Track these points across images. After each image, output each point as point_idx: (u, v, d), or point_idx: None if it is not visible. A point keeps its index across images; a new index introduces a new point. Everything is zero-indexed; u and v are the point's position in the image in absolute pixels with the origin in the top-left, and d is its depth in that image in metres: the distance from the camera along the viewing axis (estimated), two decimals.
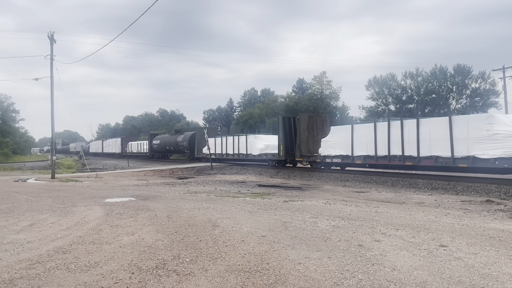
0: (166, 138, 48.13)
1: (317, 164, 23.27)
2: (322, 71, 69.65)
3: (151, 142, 50.47)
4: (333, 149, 21.48)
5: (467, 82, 56.15)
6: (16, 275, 5.00)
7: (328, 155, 21.87)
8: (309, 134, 24.21)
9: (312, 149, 23.94)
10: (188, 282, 4.70)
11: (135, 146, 59.33)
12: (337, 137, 21.48)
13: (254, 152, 28.80)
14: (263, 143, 28.87)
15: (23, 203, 11.78)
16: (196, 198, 12.86)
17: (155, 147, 49.06)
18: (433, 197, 13.48)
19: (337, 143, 21.27)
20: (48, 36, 25.18)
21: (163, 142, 47.50)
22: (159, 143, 48.11)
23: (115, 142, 68.01)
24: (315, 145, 23.65)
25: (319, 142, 23.11)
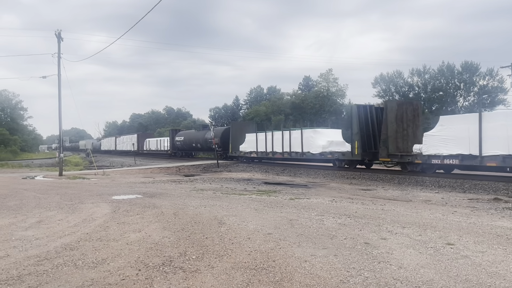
0: (191, 134, 42.49)
1: (415, 166, 18.46)
2: (328, 68, 69.41)
3: (173, 139, 45.58)
4: (445, 147, 16.55)
5: (474, 79, 55.66)
6: (24, 272, 5.05)
7: (437, 155, 16.85)
8: (397, 127, 19.38)
9: (401, 146, 19.35)
10: (194, 279, 4.72)
11: (153, 143, 54.89)
12: (451, 130, 16.41)
13: (313, 150, 23.91)
14: (325, 139, 23.85)
15: (31, 200, 11.88)
16: (202, 195, 12.89)
17: (178, 144, 44.16)
18: (440, 195, 13.41)
19: (452, 138, 16.32)
20: (56, 34, 25.33)
21: (188, 139, 42.52)
22: (183, 140, 43.16)
23: (130, 139, 62.57)
24: (405, 141, 19.36)
25: (409, 137, 19.29)
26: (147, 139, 57.83)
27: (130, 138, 63.33)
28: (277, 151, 27.19)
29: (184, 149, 44.12)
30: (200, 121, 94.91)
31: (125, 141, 64.21)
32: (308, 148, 24.35)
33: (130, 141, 60.97)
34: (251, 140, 30.19)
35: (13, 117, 73.28)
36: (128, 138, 63.95)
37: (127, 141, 63.12)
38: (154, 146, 53.76)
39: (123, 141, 65.55)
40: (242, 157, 31.92)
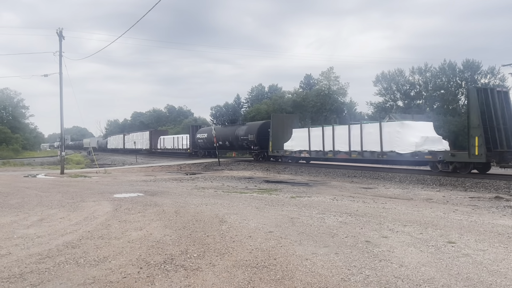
0: (218, 130, 36.51)
1: None
2: (330, 66, 69.34)
3: (194, 136, 40.87)
4: None
5: (476, 77, 55.56)
6: (26, 269, 5.06)
7: None
8: None
9: None
10: (195, 277, 4.73)
11: (169, 141, 49.10)
12: None
13: (400, 148, 18.41)
14: (417, 134, 18.31)
15: (33, 198, 11.90)
16: (204, 193, 12.91)
17: (200, 142, 39.45)
18: (441, 193, 13.40)
19: None
20: (57, 32, 25.33)
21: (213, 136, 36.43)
22: (206, 137, 38.08)
23: (141, 136, 57.57)
24: None
25: None
26: (161, 137, 52.16)
27: (141, 135, 58.04)
28: (341, 150, 21.97)
29: (207, 148, 39.03)
30: (202, 119, 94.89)
31: (135, 139, 59.38)
32: (392, 146, 18.80)
33: (141, 139, 56.66)
34: (301, 137, 25.42)
35: (14, 115, 73.38)
36: (139, 136, 58.77)
37: (138, 139, 58.47)
38: (171, 145, 48.20)
39: (133, 139, 60.48)
40: (288, 157, 27.15)
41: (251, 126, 31.86)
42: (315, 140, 23.99)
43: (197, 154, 41.01)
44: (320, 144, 23.52)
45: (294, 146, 26.16)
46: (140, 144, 56.47)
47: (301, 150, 25.41)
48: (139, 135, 59.33)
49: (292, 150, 26.20)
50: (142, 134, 58.14)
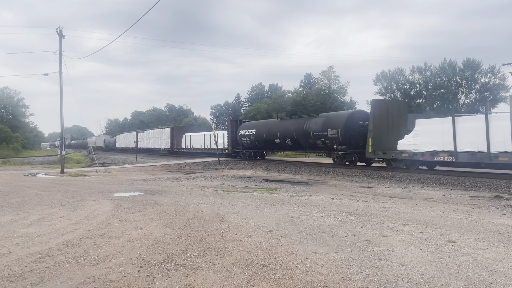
0: (273, 124, 29.14)
1: None
2: (330, 65, 69.34)
3: (234, 133, 33.31)
4: None
5: (476, 76, 55.53)
6: (26, 268, 5.07)
7: None
8: None
9: None
10: (195, 276, 4.73)
11: (198, 139, 41.43)
12: None
13: None
14: None
15: (33, 197, 11.91)
16: (204, 193, 12.91)
17: (245, 140, 31.48)
18: (441, 193, 13.40)
19: None
20: (57, 31, 25.32)
21: (268, 132, 28.63)
22: (254, 134, 30.15)
23: (159, 133, 50.03)
24: None
25: None
26: (187, 134, 44.61)
27: (159, 133, 50.03)
28: None
29: (255, 147, 31.21)
30: (202, 118, 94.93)
31: (152, 137, 51.84)
32: None
33: (159, 137, 49.12)
34: (432, 131, 17.72)
35: (14, 114, 73.32)
36: (157, 133, 50.97)
37: (156, 136, 50.71)
38: (200, 143, 40.77)
39: (149, 137, 53.38)
40: (405, 161, 19.42)
41: (332, 118, 23.63)
42: (467, 135, 16.12)
43: (241, 155, 32.97)
44: (478, 141, 15.63)
45: (420, 145, 18.21)
46: (158, 143, 49.32)
47: (435, 151, 17.41)
48: (156, 133, 51.53)
49: (415, 150, 18.36)
50: (160, 132, 50.05)
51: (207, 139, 38.91)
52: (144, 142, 54.54)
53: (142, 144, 54.62)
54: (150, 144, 52.10)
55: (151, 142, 52.30)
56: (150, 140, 52.48)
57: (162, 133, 49.58)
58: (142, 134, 56.82)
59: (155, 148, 50.55)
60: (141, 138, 55.94)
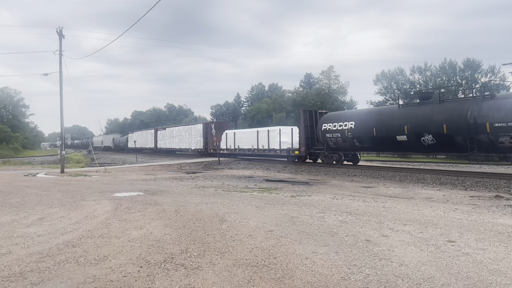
0: (391, 113, 20.58)
1: None
2: (330, 65, 69.38)
3: (311, 129, 25.15)
4: None
5: (476, 76, 55.55)
6: (26, 268, 5.06)
7: None
8: None
9: None
10: (195, 276, 4.73)
11: (246, 138, 31.72)
12: None
13: None
14: None
15: (33, 197, 11.91)
16: (204, 192, 12.91)
17: (332, 138, 23.06)
18: (441, 192, 13.40)
19: None
20: (57, 31, 25.31)
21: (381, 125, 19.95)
22: (352, 128, 21.72)
23: (188, 131, 40.41)
24: None
25: None
26: (228, 132, 34.73)
27: (187, 130, 40.58)
28: None
29: (350, 148, 22.81)
30: (202, 118, 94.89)
31: (177, 135, 42.42)
32: None
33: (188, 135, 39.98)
34: None
35: (14, 114, 73.32)
36: (184, 131, 41.35)
37: (182, 135, 41.42)
38: (250, 143, 30.90)
39: (172, 135, 44.14)
40: None
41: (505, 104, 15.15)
42: None
43: (322, 158, 24.80)
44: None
45: None
46: (186, 142, 40.44)
47: None
48: (184, 130, 42.11)
49: None
50: (189, 129, 40.92)
51: (262, 137, 29.30)
52: (166, 141, 46.03)
53: (163, 143, 46.61)
54: (174, 143, 42.73)
55: (175, 141, 43.33)
56: (175, 139, 43.19)
57: (191, 130, 39.98)
58: (163, 132, 47.57)
59: (181, 149, 41.94)
60: (161, 137, 47.73)
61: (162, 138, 47.58)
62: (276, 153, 28.18)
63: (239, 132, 34.69)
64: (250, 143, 31.41)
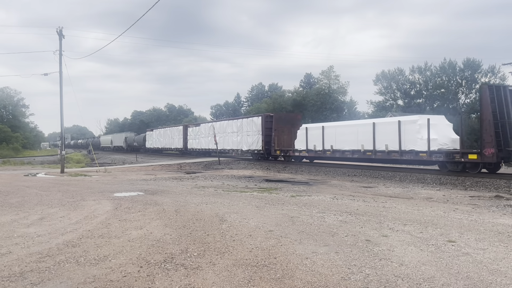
0: None
1: None
2: (330, 65, 69.39)
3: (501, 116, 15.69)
4: None
5: (476, 76, 55.56)
6: (26, 268, 5.06)
7: None
8: None
9: None
10: (195, 276, 4.73)
11: (346, 135, 21.97)
12: None
13: None
14: None
15: (33, 197, 11.91)
16: (204, 192, 12.91)
17: None
18: (441, 192, 13.40)
19: None
20: (57, 31, 25.30)
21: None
22: None
23: (238, 127, 31.31)
24: None
25: None
26: (309, 126, 25.76)
27: (238, 125, 31.29)
28: None
29: None
30: (202, 118, 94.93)
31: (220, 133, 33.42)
32: None
33: (239, 132, 31.02)
34: None
35: (14, 114, 73.35)
36: (231, 126, 32.31)
37: (227, 131, 32.75)
38: (360, 143, 20.98)
39: (207, 133, 35.92)
40: None
41: None
42: None
43: None
44: None
45: None
46: (233, 142, 31.90)
47: None
48: (230, 126, 32.73)
49: None
50: (240, 123, 31.30)
51: (385, 132, 19.52)
52: (201, 140, 37.34)
53: (196, 143, 38.08)
54: (213, 143, 33.43)
55: (218, 141, 33.57)
56: (214, 138, 33.80)
57: (243, 125, 30.57)
58: (196, 129, 38.66)
59: (226, 150, 33.39)
60: (193, 135, 39.04)
61: (195, 137, 38.58)
62: (420, 157, 18.07)
63: (334, 127, 23.77)
64: (356, 141, 21.10)
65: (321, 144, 23.51)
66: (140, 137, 57.20)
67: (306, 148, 24.93)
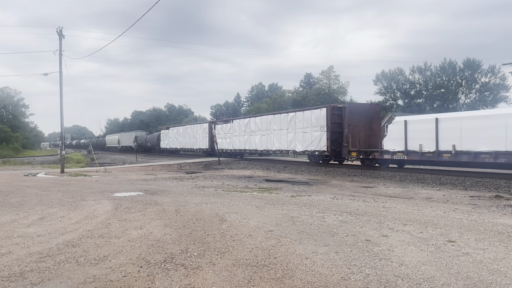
0: None
1: None
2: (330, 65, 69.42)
3: None
4: None
5: (476, 76, 55.54)
6: (26, 268, 5.06)
7: None
8: None
9: None
10: (195, 276, 4.73)
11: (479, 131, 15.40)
12: None
13: None
14: None
15: (33, 197, 11.91)
16: (204, 192, 12.91)
17: None
18: (441, 192, 13.40)
19: None
20: (57, 31, 25.29)
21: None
22: None
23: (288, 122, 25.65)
24: None
25: None
26: (410, 119, 19.20)
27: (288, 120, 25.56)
28: None
29: None
30: (202, 118, 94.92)
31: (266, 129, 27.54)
32: None
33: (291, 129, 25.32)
34: None
35: (14, 114, 73.31)
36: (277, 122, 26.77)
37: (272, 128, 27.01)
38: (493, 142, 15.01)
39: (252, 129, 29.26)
40: None
41: None
42: None
43: None
44: None
45: None
46: (278, 141, 26.18)
47: None
48: (272, 120, 27.19)
49: None
50: (286, 117, 25.83)
51: None
52: (234, 140, 31.49)
53: (227, 143, 32.24)
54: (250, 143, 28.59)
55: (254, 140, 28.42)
56: (254, 137, 28.28)
57: (296, 120, 24.82)
58: (228, 126, 32.58)
59: (268, 151, 27.94)
60: (222, 133, 32.99)
61: (225, 135, 32.75)
62: None
63: (458, 119, 17.32)
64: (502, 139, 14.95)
65: (433, 144, 17.30)
66: (154, 136, 51.65)
67: (405, 149, 18.61)
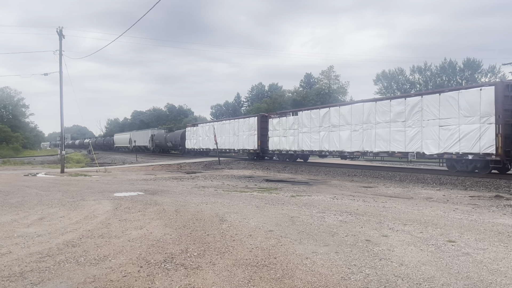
0: None
1: None
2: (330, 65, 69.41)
3: None
4: None
5: (476, 76, 55.55)
6: (26, 268, 5.07)
7: None
8: None
9: None
10: (195, 276, 4.73)
11: None
12: None
13: None
14: None
15: (33, 197, 11.91)
16: (204, 192, 12.91)
17: None
18: (441, 192, 13.39)
19: None
20: (57, 31, 25.29)
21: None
22: None
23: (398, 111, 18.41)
24: None
25: None
26: None
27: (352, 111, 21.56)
28: None
29: None
30: (202, 118, 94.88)
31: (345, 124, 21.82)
32: None
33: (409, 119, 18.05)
34: None
35: (15, 114, 73.31)
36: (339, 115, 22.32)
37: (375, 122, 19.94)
38: None
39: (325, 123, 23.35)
40: None
41: None
42: None
43: None
44: None
45: None
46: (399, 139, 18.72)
47: None
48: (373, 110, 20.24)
49: None
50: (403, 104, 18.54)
51: None
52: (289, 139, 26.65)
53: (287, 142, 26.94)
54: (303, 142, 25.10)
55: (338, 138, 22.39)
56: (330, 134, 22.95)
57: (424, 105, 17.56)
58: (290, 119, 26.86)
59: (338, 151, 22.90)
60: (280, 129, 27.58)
61: (286, 132, 26.99)
62: None
63: None
64: None
65: None
66: (176, 135, 43.41)
67: None
